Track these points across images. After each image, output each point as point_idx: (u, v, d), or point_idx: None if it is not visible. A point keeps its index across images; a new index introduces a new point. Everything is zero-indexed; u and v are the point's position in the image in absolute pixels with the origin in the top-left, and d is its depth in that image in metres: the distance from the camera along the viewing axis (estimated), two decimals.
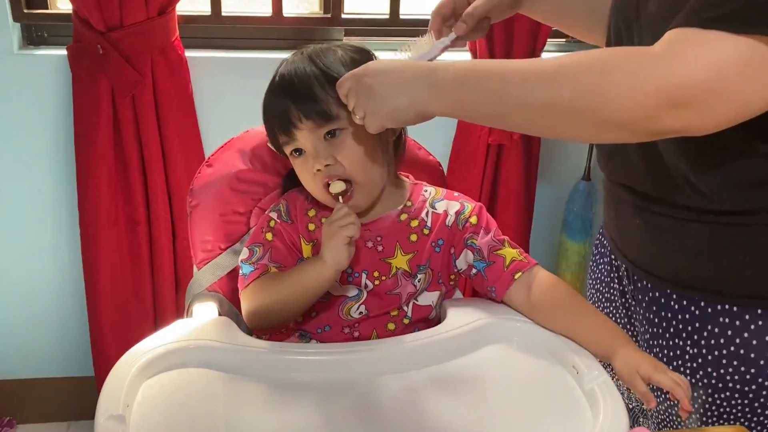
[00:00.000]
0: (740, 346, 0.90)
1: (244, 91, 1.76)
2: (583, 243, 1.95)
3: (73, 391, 1.96)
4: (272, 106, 1.04)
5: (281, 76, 1.04)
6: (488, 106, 0.83)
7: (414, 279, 1.07)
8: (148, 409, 0.86)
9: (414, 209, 1.09)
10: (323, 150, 1.00)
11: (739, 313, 0.90)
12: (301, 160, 1.03)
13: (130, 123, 1.64)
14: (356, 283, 1.06)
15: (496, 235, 1.08)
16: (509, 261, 1.05)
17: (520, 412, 0.90)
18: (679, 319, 0.95)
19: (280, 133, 1.03)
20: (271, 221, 1.09)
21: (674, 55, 0.72)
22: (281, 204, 1.11)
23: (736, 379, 0.91)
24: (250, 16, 1.79)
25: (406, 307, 1.07)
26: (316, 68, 1.01)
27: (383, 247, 1.06)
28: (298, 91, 1.01)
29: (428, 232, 1.08)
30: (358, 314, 1.05)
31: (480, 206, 1.11)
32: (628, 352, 0.92)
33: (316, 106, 0.99)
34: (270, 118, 1.06)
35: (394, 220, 1.08)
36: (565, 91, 0.76)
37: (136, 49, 1.58)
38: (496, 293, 1.06)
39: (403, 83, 0.86)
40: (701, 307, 0.93)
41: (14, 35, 1.67)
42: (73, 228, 1.76)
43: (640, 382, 0.89)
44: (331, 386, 0.92)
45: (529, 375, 0.96)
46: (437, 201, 1.11)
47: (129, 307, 1.79)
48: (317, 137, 1.00)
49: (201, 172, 1.20)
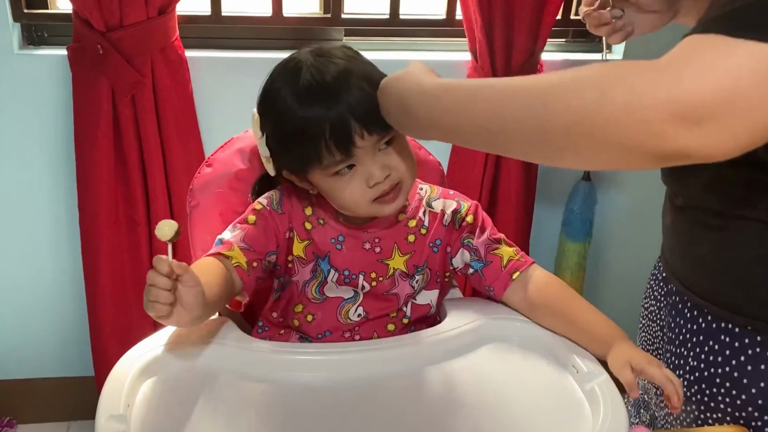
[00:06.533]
0: (735, 368, 0.88)
1: (244, 91, 1.75)
2: (583, 243, 1.95)
3: (73, 391, 1.96)
4: (315, 123, 0.91)
5: (318, 84, 0.92)
6: (473, 130, 0.77)
7: (412, 280, 1.06)
8: (149, 409, 0.86)
9: (411, 208, 1.08)
10: (380, 160, 0.95)
11: (741, 335, 0.87)
12: (349, 177, 0.95)
13: (130, 123, 1.64)
14: (353, 285, 1.05)
15: (492, 233, 1.08)
16: (506, 261, 1.05)
17: (520, 411, 0.90)
18: (688, 328, 0.94)
19: (329, 155, 0.92)
20: (258, 205, 1.05)
21: (683, 63, 0.62)
22: (274, 193, 1.07)
23: (727, 401, 0.89)
24: (250, 16, 1.79)
25: (405, 307, 1.07)
26: (358, 71, 0.94)
27: (381, 248, 1.06)
28: (352, 102, 0.91)
29: (426, 232, 1.07)
30: (357, 317, 1.05)
31: (476, 205, 1.10)
32: (623, 346, 0.93)
33: (375, 118, 0.91)
34: (310, 138, 0.92)
35: (391, 221, 1.07)
36: (559, 115, 0.67)
37: (136, 49, 1.58)
38: (494, 293, 1.06)
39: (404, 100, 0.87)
40: (708, 321, 0.91)
41: (14, 35, 1.67)
42: (73, 228, 1.76)
43: (628, 371, 0.89)
44: (332, 386, 0.92)
45: (529, 375, 0.96)
46: (433, 200, 1.10)
47: (129, 307, 1.79)
48: (376, 150, 0.95)
49: (201, 172, 1.20)
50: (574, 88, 0.66)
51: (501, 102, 0.73)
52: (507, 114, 0.71)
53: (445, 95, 0.80)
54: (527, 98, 0.70)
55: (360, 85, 0.92)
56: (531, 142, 0.71)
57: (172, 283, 0.82)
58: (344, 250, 1.05)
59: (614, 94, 0.63)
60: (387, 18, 1.81)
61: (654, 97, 0.61)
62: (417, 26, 1.86)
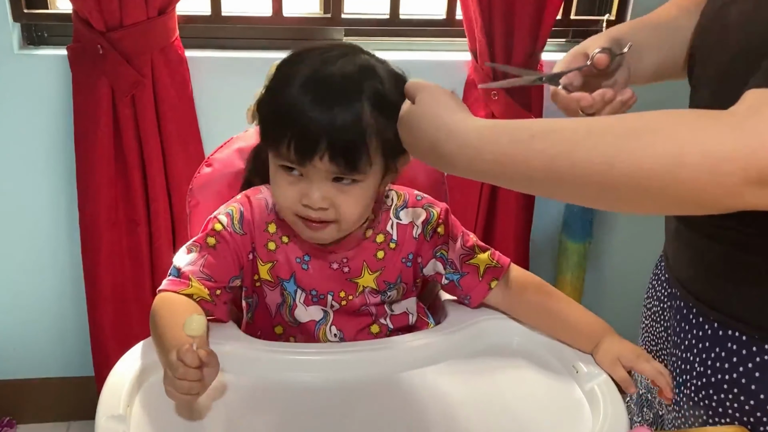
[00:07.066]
0: (743, 375, 0.87)
1: (244, 91, 1.75)
2: (583, 243, 1.95)
3: (73, 391, 1.96)
4: (294, 114, 0.87)
5: (323, 85, 0.87)
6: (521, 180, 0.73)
7: (383, 295, 1.03)
8: (149, 409, 0.86)
9: (377, 222, 1.03)
10: (327, 192, 0.90)
11: (748, 342, 0.85)
12: (292, 179, 0.91)
13: (130, 123, 1.64)
14: (321, 304, 1.02)
15: (465, 242, 1.04)
16: (483, 270, 1.02)
17: (520, 411, 0.90)
18: (694, 334, 0.93)
19: (286, 150, 0.88)
20: (218, 224, 0.97)
21: (757, 123, 0.60)
22: (233, 208, 1.00)
23: (735, 407, 0.88)
24: (250, 16, 1.79)
25: (384, 320, 1.05)
26: (368, 95, 0.88)
27: (350, 268, 1.01)
28: (337, 124, 0.86)
29: (395, 246, 1.03)
30: (333, 337, 1.02)
31: (446, 210, 1.06)
32: (611, 342, 0.93)
33: (351, 155, 0.87)
34: (283, 123, 0.89)
35: (359, 239, 1.01)
36: (629, 174, 0.64)
37: (136, 49, 1.58)
38: (470, 301, 1.04)
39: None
40: (714, 328, 0.89)
41: (14, 35, 1.67)
42: (73, 228, 1.76)
43: (620, 368, 0.89)
44: (331, 386, 0.92)
45: (528, 375, 0.96)
46: (400, 209, 1.04)
47: (129, 307, 1.79)
48: (327, 179, 0.90)
49: (200, 171, 1.19)
50: (643, 147, 0.64)
51: (559, 156, 0.68)
52: (566, 170, 0.68)
53: (488, 147, 0.74)
54: (590, 154, 0.67)
55: (358, 112, 0.87)
56: (590, 194, 0.69)
57: (201, 373, 0.80)
58: (311, 270, 1.01)
59: (690, 154, 0.61)
60: (387, 18, 1.81)
61: (730, 162, 0.60)
62: (417, 26, 1.86)
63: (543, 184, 0.71)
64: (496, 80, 1.68)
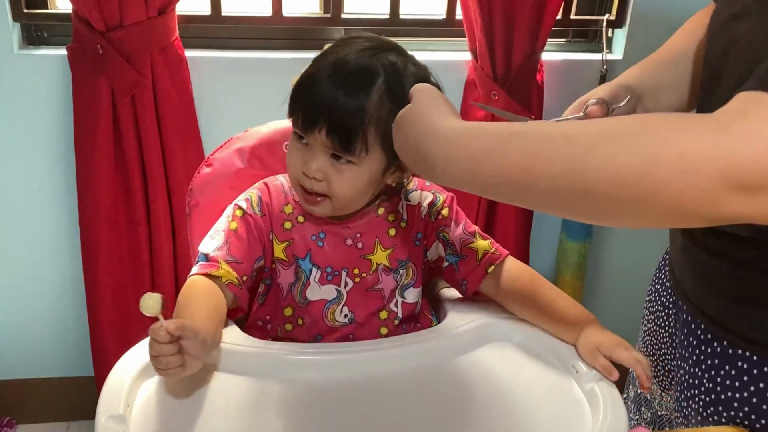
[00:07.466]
0: (754, 394, 0.85)
1: (244, 91, 1.77)
2: (583, 243, 1.95)
3: (73, 391, 1.96)
4: (309, 84, 0.95)
5: (342, 68, 0.94)
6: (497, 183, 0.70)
7: (396, 274, 1.06)
8: (149, 409, 0.86)
9: (390, 202, 1.08)
10: (322, 165, 0.96)
11: (759, 362, 0.84)
12: (300, 147, 0.98)
13: (130, 123, 1.64)
14: (335, 283, 1.04)
15: (467, 227, 1.08)
16: (482, 254, 1.06)
17: (520, 411, 0.90)
18: (702, 350, 0.91)
19: (296, 118, 0.97)
20: (239, 210, 1.03)
21: (742, 125, 0.56)
22: (252, 193, 1.06)
23: (745, 424, 0.87)
24: (250, 16, 1.79)
25: (394, 307, 1.06)
26: (384, 85, 0.94)
27: (363, 244, 1.05)
28: (341, 103, 0.93)
29: (405, 225, 1.07)
30: (343, 318, 1.04)
31: (451, 197, 1.10)
32: (592, 331, 0.94)
33: (346, 136, 0.94)
34: (300, 90, 0.97)
35: (372, 216, 1.06)
36: (603, 177, 0.61)
37: (136, 49, 1.58)
38: (467, 287, 1.06)
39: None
40: (723, 346, 0.87)
41: (14, 35, 1.67)
42: (73, 228, 1.76)
43: (600, 356, 0.91)
44: (331, 386, 0.92)
45: (528, 374, 0.96)
46: (410, 192, 1.09)
47: (129, 307, 1.79)
48: (326, 153, 0.96)
49: (200, 171, 1.20)
50: (618, 147, 0.60)
51: (534, 155, 0.67)
52: (540, 170, 0.65)
53: (466, 142, 0.73)
54: (562, 153, 0.64)
55: (363, 99, 0.93)
56: (568, 201, 0.66)
57: (176, 346, 0.81)
58: (326, 247, 1.04)
59: (665, 158, 0.57)
60: (387, 18, 1.81)
61: (709, 164, 0.56)
62: (417, 26, 1.86)
63: (517, 188, 0.69)
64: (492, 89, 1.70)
